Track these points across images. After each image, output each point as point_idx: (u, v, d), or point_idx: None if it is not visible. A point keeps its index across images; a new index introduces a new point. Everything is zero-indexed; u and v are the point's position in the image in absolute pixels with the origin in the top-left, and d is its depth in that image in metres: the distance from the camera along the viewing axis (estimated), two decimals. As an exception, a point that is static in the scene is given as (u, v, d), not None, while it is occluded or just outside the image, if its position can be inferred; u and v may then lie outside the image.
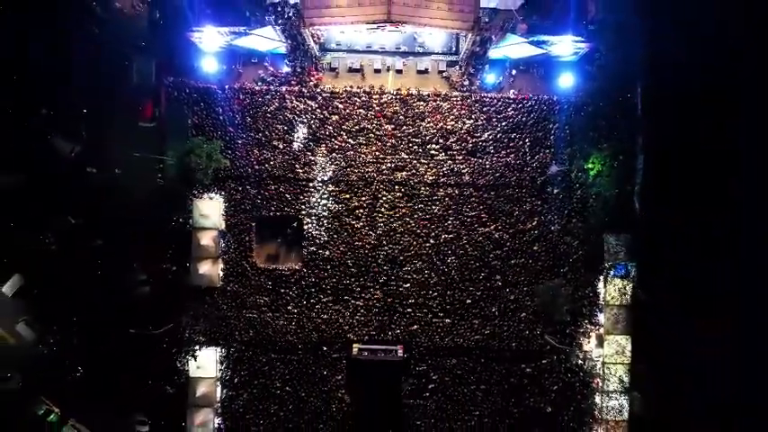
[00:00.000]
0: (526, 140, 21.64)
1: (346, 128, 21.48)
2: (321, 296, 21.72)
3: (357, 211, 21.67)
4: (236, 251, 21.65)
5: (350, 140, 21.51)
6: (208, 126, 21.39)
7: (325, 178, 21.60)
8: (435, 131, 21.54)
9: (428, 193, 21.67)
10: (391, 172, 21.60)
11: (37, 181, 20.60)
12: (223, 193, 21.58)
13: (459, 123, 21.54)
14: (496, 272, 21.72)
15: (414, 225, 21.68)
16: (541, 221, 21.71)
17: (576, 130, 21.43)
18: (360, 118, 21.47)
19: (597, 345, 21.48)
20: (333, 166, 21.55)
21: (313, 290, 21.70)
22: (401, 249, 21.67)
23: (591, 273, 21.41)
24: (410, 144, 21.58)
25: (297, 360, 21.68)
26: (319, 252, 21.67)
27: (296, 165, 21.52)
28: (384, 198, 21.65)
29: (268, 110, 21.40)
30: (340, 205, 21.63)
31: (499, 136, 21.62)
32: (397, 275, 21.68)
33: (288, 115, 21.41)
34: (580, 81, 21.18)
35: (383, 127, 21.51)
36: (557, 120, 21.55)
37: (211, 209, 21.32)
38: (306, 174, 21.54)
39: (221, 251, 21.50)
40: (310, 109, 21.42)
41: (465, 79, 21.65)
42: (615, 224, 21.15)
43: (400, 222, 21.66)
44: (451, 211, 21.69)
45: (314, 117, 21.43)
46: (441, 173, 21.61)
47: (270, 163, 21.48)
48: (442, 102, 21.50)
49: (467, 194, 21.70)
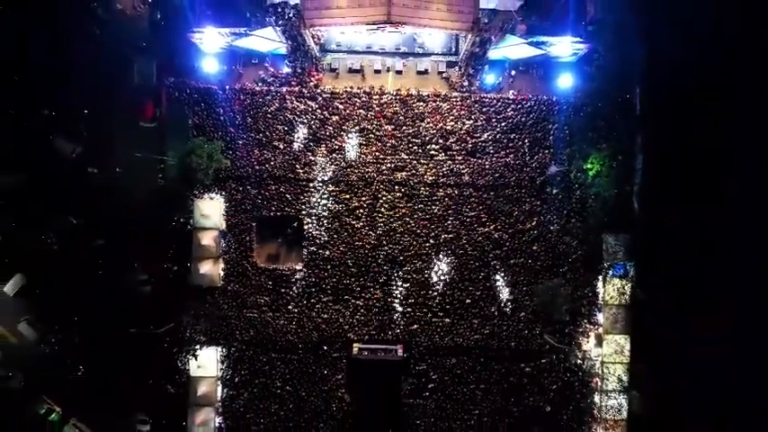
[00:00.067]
0: (525, 141, 21.74)
1: (346, 128, 21.56)
2: (321, 296, 21.79)
3: (357, 212, 21.76)
4: (236, 251, 21.72)
5: (350, 141, 21.60)
6: (208, 126, 21.46)
7: (325, 178, 21.68)
8: (435, 132, 21.63)
9: (428, 194, 21.76)
10: (391, 172, 21.69)
11: (38, 181, 20.64)
12: (224, 194, 21.65)
13: (458, 124, 21.63)
14: (496, 272, 21.82)
15: (413, 225, 21.77)
16: (541, 221, 21.80)
17: (575, 131, 21.50)
18: (360, 118, 21.57)
19: (596, 344, 21.56)
20: (333, 167, 21.63)
21: (313, 289, 21.78)
22: (401, 249, 21.75)
23: (590, 272, 21.48)
24: (410, 144, 21.68)
25: (297, 359, 21.75)
26: (319, 252, 21.75)
27: (296, 165, 21.60)
28: (384, 198, 21.74)
29: (268, 110, 21.48)
30: (340, 205, 21.72)
31: (498, 136, 21.72)
32: (397, 275, 21.76)
33: (288, 116, 21.48)
34: (579, 82, 21.24)
35: (383, 127, 21.60)
36: (556, 120, 21.64)
37: (212, 209, 21.38)
38: (306, 174, 21.62)
39: (222, 251, 21.57)
40: (311, 109, 21.51)
41: (464, 80, 21.75)
42: (614, 224, 21.21)
43: (400, 222, 21.75)
44: (451, 212, 21.78)
45: (314, 117, 21.52)
46: (440, 173, 21.70)
47: (270, 163, 21.57)
48: (442, 102, 21.60)
49: (466, 195, 21.79)
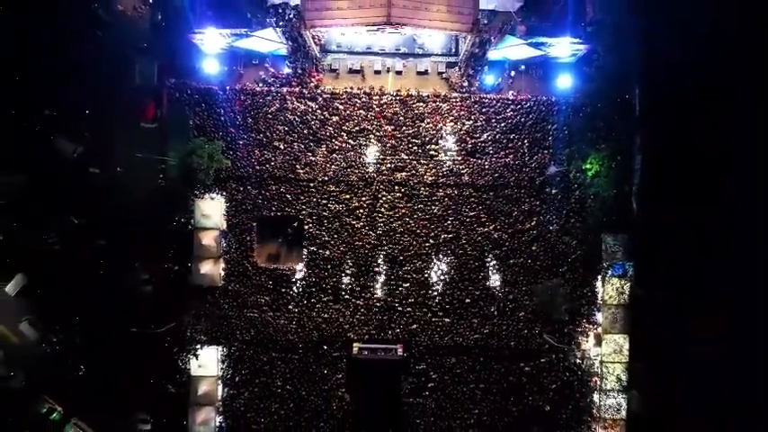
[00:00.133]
0: (525, 141, 21.81)
1: (347, 128, 21.64)
2: (321, 295, 21.85)
3: (357, 212, 21.83)
4: (237, 251, 21.78)
5: (350, 141, 21.69)
6: (209, 127, 21.51)
7: (325, 179, 21.74)
8: (435, 132, 21.72)
9: (428, 194, 21.83)
10: (391, 172, 21.78)
11: (40, 181, 20.73)
12: (224, 194, 21.69)
13: (458, 124, 21.72)
14: (495, 271, 21.90)
15: (413, 225, 21.84)
16: (540, 221, 21.87)
17: (575, 131, 21.55)
18: (360, 119, 21.65)
19: (595, 344, 21.62)
20: (333, 167, 21.71)
21: (313, 289, 21.84)
22: (401, 249, 21.83)
23: (589, 272, 21.54)
24: (410, 145, 21.76)
25: (297, 359, 21.79)
26: (320, 252, 21.81)
27: (297, 165, 21.67)
28: (384, 198, 21.81)
29: (269, 111, 21.53)
30: (340, 205, 21.78)
31: (498, 137, 21.79)
32: (397, 275, 21.84)
33: (289, 116, 21.53)
34: (578, 82, 21.30)
35: (383, 128, 21.69)
36: (555, 121, 21.68)
37: (213, 209, 21.41)
38: (306, 174, 21.68)
39: (222, 251, 21.62)
40: (311, 110, 21.57)
41: (464, 80, 21.80)
42: (613, 224, 21.27)
43: (400, 222, 21.81)
44: (451, 212, 21.85)
45: (314, 118, 21.59)
46: (440, 173, 21.78)
47: (271, 163, 21.63)
48: (442, 103, 21.66)
49: (466, 195, 21.86)
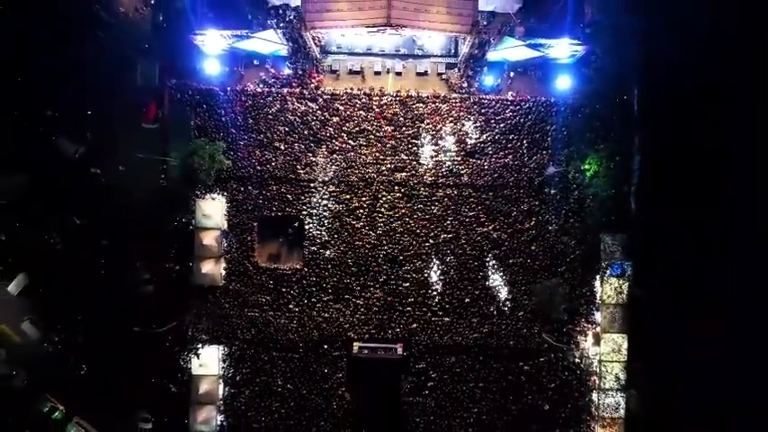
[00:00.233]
0: (524, 142, 21.90)
1: (347, 129, 21.75)
2: (322, 295, 21.96)
3: (357, 212, 21.93)
4: (238, 251, 21.88)
5: (350, 141, 21.79)
6: (210, 127, 21.60)
7: (325, 179, 21.84)
8: (434, 133, 21.81)
9: (427, 194, 21.92)
10: (391, 173, 21.87)
11: (42, 181, 20.91)
12: (225, 194, 21.79)
13: (457, 125, 21.80)
14: (495, 271, 21.99)
15: (413, 225, 21.94)
16: (539, 221, 21.96)
17: (573, 132, 21.64)
18: (360, 119, 21.75)
19: (594, 343, 21.72)
20: (333, 167, 21.80)
21: (314, 289, 21.94)
22: (401, 249, 21.92)
23: (588, 272, 21.65)
24: (410, 145, 21.86)
25: (298, 358, 21.90)
26: (320, 252, 21.92)
27: (297, 166, 21.76)
28: (384, 198, 21.91)
29: (270, 111, 21.63)
30: (340, 205, 21.88)
31: (497, 137, 21.89)
32: (397, 275, 21.93)
33: (289, 117, 21.63)
34: (577, 83, 21.39)
35: (383, 128, 21.78)
36: (554, 121, 21.77)
37: (214, 209, 21.51)
38: (307, 174, 21.79)
39: (223, 251, 21.73)
40: (311, 111, 21.68)
41: (464, 81, 21.90)
42: (612, 224, 21.39)
43: (400, 222, 21.91)
44: (450, 212, 21.94)
45: (315, 119, 21.69)
46: (440, 174, 21.88)
47: (271, 164, 21.73)
48: (441, 103, 21.75)
49: (465, 195, 21.95)
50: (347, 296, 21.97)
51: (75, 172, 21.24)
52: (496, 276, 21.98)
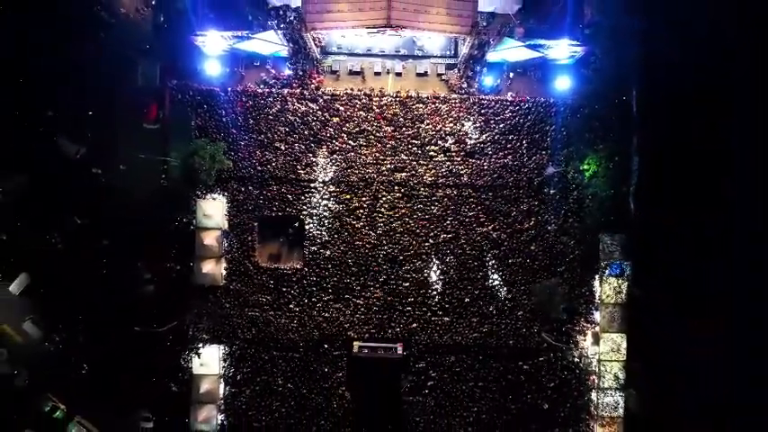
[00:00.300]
0: (523, 142, 21.96)
1: (347, 129, 21.81)
2: (322, 295, 22.04)
3: (357, 212, 21.99)
4: (238, 250, 21.95)
5: (350, 142, 21.85)
6: (211, 128, 21.68)
7: (326, 179, 21.91)
8: (434, 133, 21.88)
9: (427, 194, 21.98)
10: (391, 173, 21.93)
11: (43, 182, 21.00)
12: (226, 194, 21.86)
13: (457, 125, 21.86)
14: (494, 271, 22.07)
15: (413, 225, 22.00)
16: (538, 221, 22.02)
17: (573, 132, 21.69)
18: (360, 120, 21.81)
19: (593, 342, 21.78)
20: (333, 167, 21.87)
21: (314, 289, 22.01)
22: (401, 249, 21.99)
23: (587, 272, 21.71)
24: (409, 145, 21.91)
25: (298, 357, 21.98)
26: (320, 251, 21.99)
27: (297, 166, 21.83)
28: (384, 198, 21.97)
29: (270, 112, 21.70)
30: (341, 206, 21.95)
31: (497, 137, 21.95)
32: (397, 274, 21.99)
33: (289, 117, 21.69)
34: (576, 84, 21.44)
35: (383, 129, 21.84)
36: (553, 122, 21.83)
37: (214, 209, 21.59)
38: (307, 175, 21.86)
39: (224, 251, 21.81)
40: (311, 111, 21.74)
41: (463, 82, 21.96)
42: (611, 224, 21.44)
43: (400, 222, 21.97)
44: (450, 212, 22.01)
45: (315, 119, 21.76)
46: (439, 174, 21.93)
47: (272, 164, 21.80)
48: (441, 104, 21.81)
49: (465, 195, 22.01)
50: (347, 296, 22.04)
51: (76, 172, 21.33)
52: (496, 276, 22.05)
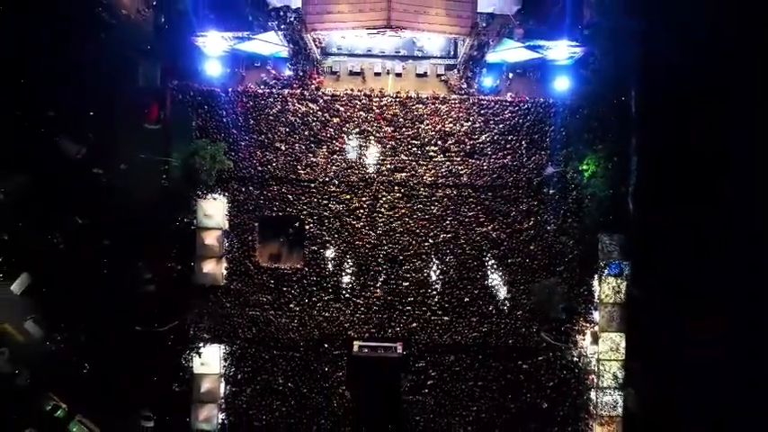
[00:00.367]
0: (523, 142, 22.02)
1: (347, 130, 21.86)
2: (322, 294, 22.11)
3: (357, 212, 22.06)
4: (239, 250, 22.02)
5: (350, 142, 21.90)
6: (212, 128, 21.74)
7: (326, 179, 21.94)
8: (434, 133, 21.93)
9: (427, 194, 22.04)
10: (391, 173, 22.00)
11: (44, 182, 21.05)
12: (226, 194, 21.93)
13: (457, 126, 21.91)
14: (494, 271, 22.13)
15: (413, 225, 22.07)
16: (538, 221, 22.08)
17: (572, 133, 21.75)
18: (360, 120, 21.87)
19: (592, 342, 21.84)
20: (333, 168, 21.91)
21: (314, 288, 22.09)
22: (401, 249, 22.06)
23: (586, 271, 21.76)
24: (409, 146, 21.97)
25: (299, 357, 22.05)
26: (321, 251, 22.07)
27: (298, 166, 21.89)
28: (384, 198, 22.03)
29: (270, 112, 21.76)
30: (341, 206, 22.01)
31: (496, 138, 22.01)
32: (397, 274, 22.06)
33: (290, 118, 21.75)
34: (575, 84, 21.50)
35: (383, 129, 21.91)
36: (552, 122, 21.90)
37: (215, 209, 21.65)
38: (307, 175, 21.91)
39: (225, 250, 21.88)
40: (312, 111, 21.80)
41: (463, 82, 22.01)
42: (610, 224, 21.49)
43: (400, 222, 22.04)
44: (450, 212, 22.07)
45: (315, 119, 21.81)
46: (439, 174, 21.99)
47: (272, 164, 21.86)
48: (441, 104, 21.86)
49: (465, 195, 22.08)
50: (347, 295, 22.12)
51: (77, 172, 21.37)
52: (495, 276, 22.11)
